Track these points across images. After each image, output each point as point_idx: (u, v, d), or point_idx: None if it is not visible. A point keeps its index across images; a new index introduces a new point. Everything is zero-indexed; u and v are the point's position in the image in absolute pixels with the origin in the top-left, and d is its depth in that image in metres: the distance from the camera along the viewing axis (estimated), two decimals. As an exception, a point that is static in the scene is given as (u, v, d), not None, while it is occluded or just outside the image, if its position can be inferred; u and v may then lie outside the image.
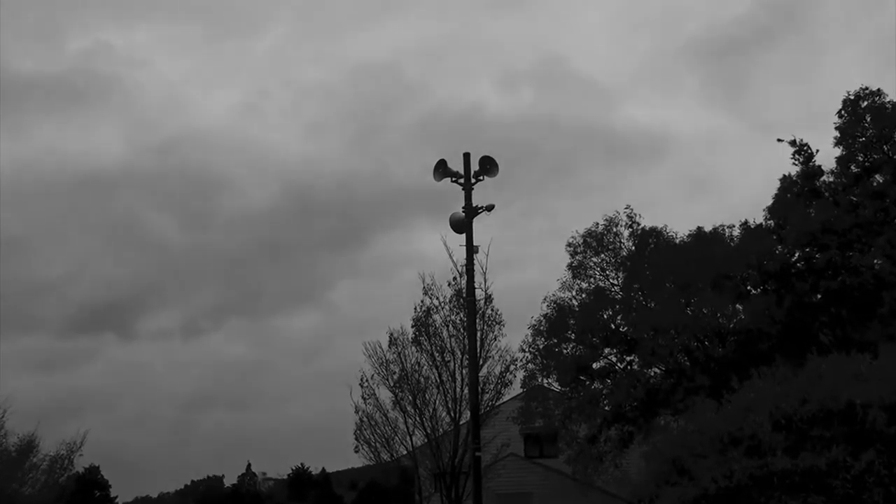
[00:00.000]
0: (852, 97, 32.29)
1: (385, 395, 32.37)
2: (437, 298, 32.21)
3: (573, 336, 34.99)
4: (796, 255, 32.65)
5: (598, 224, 36.28)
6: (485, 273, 30.08)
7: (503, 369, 32.40)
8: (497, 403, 33.14)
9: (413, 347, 32.40)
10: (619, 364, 34.97)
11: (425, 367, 32.14)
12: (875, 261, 30.31)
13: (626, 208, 36.23)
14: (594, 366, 35.00)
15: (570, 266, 36.40)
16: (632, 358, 34.51)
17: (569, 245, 36.54)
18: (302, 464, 71.59)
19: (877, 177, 31.79)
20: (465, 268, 23.53)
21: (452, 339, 31.83)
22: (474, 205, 22.77)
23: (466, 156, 23.01)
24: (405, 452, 32.24)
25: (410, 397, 31.93)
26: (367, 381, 32.47)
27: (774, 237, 33.21)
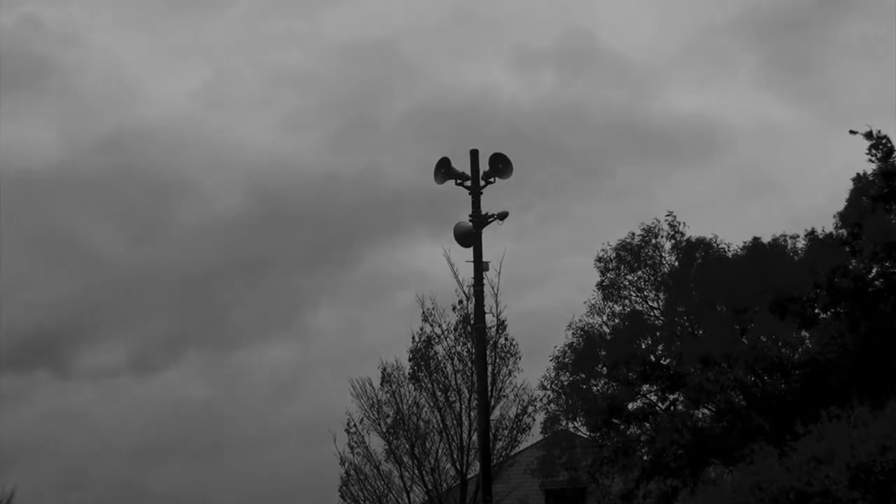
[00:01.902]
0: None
1: (377, 444, 32.30)
2: (440, 326, 32.22)
3: (604, 370, 34.82)
4: (874, 270, 32.52)
5: (633, 235, 36.15)
6: (496, 295, 30.07)
7: (520, 411, 32.35)
8: (512, 453, 33.07)
9: (410, 385, 32.35)
10: (660, 404, 34.80)
11: (425, 410, 32.09)
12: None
13: (667, 215, 36.14)
14: (630, 406, 34.82)
15: (599, 285, 36.24)
16: (675, 396, 34.33)
17: (598, 260, 36.42)
18: (276, 526, 71.45)
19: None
20: (472, 288, 23.48)
21: (458, 375, 31.78)
22: (484, 212, 22.73)
23: (474, 153, 22.97)
24: (401, 512, 32.11)
25: (407, 446, 31.83)
26: (354, 426, 32.42)
27: (847, 249, 33.07)
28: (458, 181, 22.71)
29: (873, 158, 33.34)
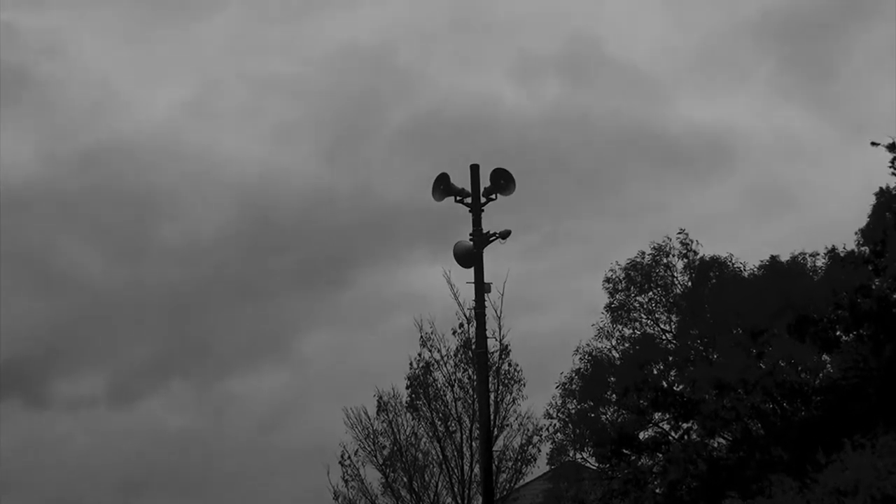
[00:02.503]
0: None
1: (373, 476, 32.15)
2: (439, 351, 32.08)
3: (614, 397, 34.83)
4: (899, 290, 32.57)
5: (644, 254, 36.24)
6: (499, 318, 29.96)
7: (524, 441, 32.18)
8: (517, 486, 32.91)
9: (408, 414, 32.23)
10: (672, 433, 34.79)
11: (424, 440, 31.96)
12: None
13: (679, 233, 36.26)
14: (641, 435, 34.81)
15: (608, 307, 36.30)
16: (689, 425, 34.32)
17: (607, 281, 36.48)
18: (266, 565, 71.19)
19: None
20: (473, 311, 23.43)
21: (459, 404, 31.66)
22: (485, 231, 22.71)
23: (475, 168, 22.97)
24: (399, 550, 32.01)
25: (405, 479, 31.71)
26: (349, 457, 32.26)
27: (870, 268, 33.10)
28: (458, 198, 22.69)
29: (896, 171, 33.41)
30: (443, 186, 22.86)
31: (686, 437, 34.41)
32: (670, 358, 34.78)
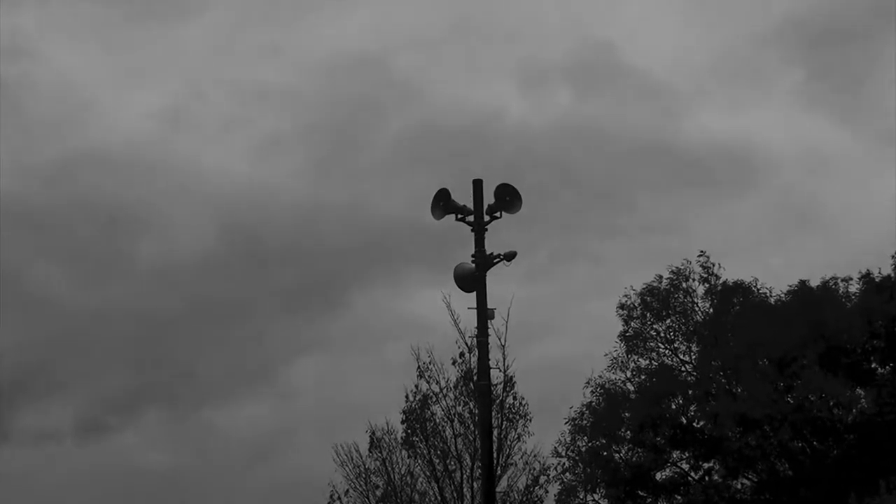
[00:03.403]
0: None
1: (365, 519, 32.12)
2: (438, 383, 32.00)
3: (628, 434, 34.81)
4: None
5: (661, 278, 36.29)
6: (503, 346, 29.86)
7: (530, 482, 32.11)
8: (522, 530, 32.88)
9: (404, 451, 32.17)
10: (692, 473, 34.76)
11: (421, 480, 31.90)
12: None
13: (699, 255, 36.32)
14: (658, 476, 34.78)
15: (622, 336, 36.30)
16: (711, 464, 34.30)
17: (621, 307, 36.52)
18: None
19: None
20: (475, 340, 23.44)
21: (459, 440, 31.62)
22: (488, 252, 22.72)
23: (477, 183, 23.00)
24: None
25: (400, 522, 31.67)
26: (338, 498, 32.21)
27: (907, 294, 33.24)
28: (459, 216, 22.70)
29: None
30: (443, 203, 22.90)
31: (707, 477, 34.38)
32: (690, 391, 34.77)
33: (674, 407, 35.02)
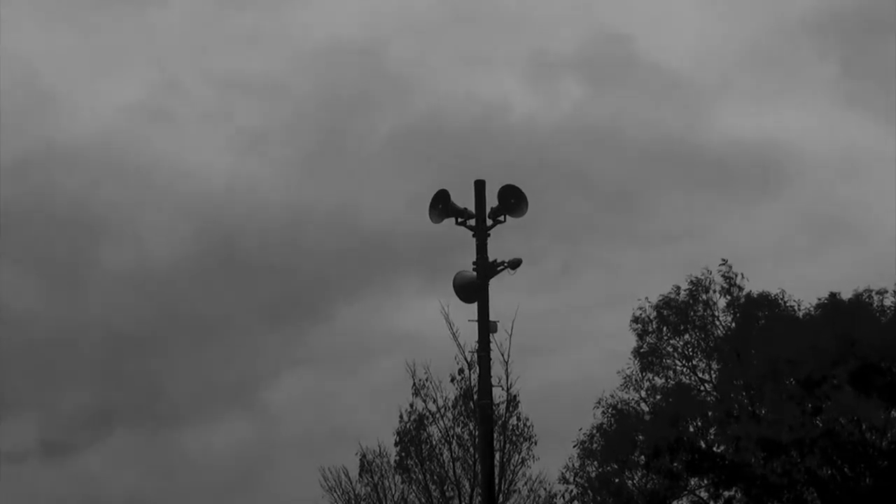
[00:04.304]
0: None
1: (354, 550, 32.12)
2: (435, 402, 32.06)
3: (642, 459, 34.78)
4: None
5: (679, 289, 36.26)
6: (507, 363, 29.82)
7: (535, 510, 32.15)
8: (526, 563, 32.86)
9: (397, 476, 32.22)
10: (712, 502, 34.74)
11: (416, 507, 31.93)
12: None
13: (721, 264, 36.29)
14: (674, 504, 34.80)
15: (636, 352, 36.29)
16: (732, 493, 34.29)
17: (635, 320, 36.50)
18: None
19: None
20: (476, 355, 23.43)
21: (457, 464, 31.64)
22: (491, 259, 22.72)
23: (480, 185, 23.00)
24: None
25: (393, 553, 31.69)
26: (326, 527, 32.27)
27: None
28: (460, 220, 22.71)
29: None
30: (442, 206, 22.89)
31: (728, 506, 34.38)
32: (710, 413, 34.75)
33: (692, 430, 35.01)
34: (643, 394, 36.14)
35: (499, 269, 22.67)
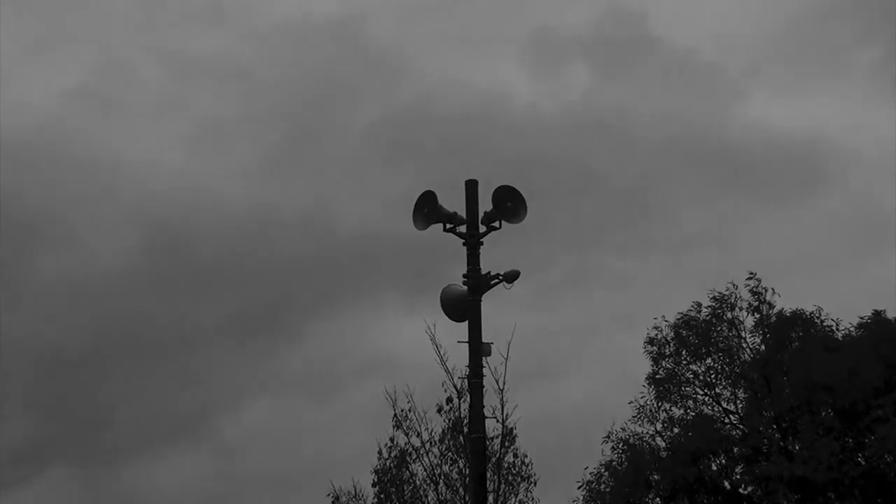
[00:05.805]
0: None
1: None
2: (419, 435, 32.09)
3: (657, 502, 34.82)
4: None
5: (700, 306, 36.38)
6: (502, 390, 29.93)
7: (534, 560, 32.18)
8: None
9: (375, 521, 32.22)
10: (737, 550, 34.83)
11: (397, 557, 31.94)
12: None
13: (749, 277, 36.39)
14: (695, 554, 34.87)
15: (651, 378, 36.36)
16: (761, 540, 34.35)
17: (650, 342, 36.58)
18: None
19: None
20: (467, 382, 23.41)
21: (445, 507, 31.67)
22: (485, 271, 22.75)
23: (472, 185, 23.03)
24: None
25: None
26: (294, 578, 32.22)
27: None
28: (449, 226, 22.72)
29: None
30: (428, 209, 22.90)
31: (756, 556, 34.44)
32: (735, 448, 34.82)
33: (714, 468, 35.12)
34: (659, 426, 36.23)
35: (493, 282, 22.68)
